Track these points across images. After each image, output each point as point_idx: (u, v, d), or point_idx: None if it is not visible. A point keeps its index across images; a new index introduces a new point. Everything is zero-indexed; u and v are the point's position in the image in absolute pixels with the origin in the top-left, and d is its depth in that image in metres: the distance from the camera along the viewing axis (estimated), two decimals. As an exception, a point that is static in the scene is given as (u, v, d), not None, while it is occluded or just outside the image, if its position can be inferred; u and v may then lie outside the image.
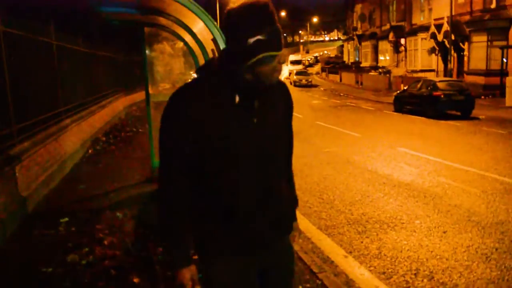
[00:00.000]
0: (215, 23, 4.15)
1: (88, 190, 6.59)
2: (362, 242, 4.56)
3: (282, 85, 1.80)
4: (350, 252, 4.33)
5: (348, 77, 37.25)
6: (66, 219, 5.19)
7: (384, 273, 3.90)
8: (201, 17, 4.09)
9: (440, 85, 15.63)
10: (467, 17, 23.98)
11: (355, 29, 44.53)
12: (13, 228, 4.82)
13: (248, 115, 1.63)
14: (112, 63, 14.72)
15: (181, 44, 6.46)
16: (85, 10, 9.83)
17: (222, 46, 4.52)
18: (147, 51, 6.40)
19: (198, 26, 4.72)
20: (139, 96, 19.52)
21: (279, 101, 1.76)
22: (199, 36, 4.97)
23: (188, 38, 5.77)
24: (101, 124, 11.78)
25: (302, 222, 5.20)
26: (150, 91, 6.39)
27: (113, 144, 10.35)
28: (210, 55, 4.93)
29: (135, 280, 3.60)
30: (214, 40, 4.34)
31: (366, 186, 6.68)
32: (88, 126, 10.20)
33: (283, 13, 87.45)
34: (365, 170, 7.72)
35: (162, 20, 5.50)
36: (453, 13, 22.45)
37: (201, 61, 5.76)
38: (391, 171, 7.55)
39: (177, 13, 4.76)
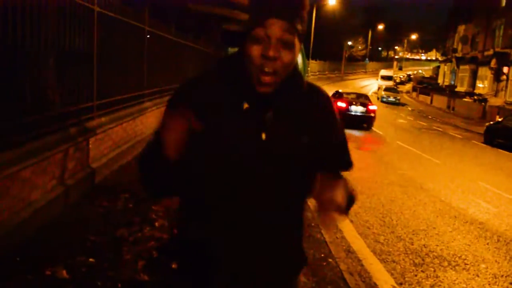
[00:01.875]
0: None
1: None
2: (415, 276, 4.23)
3: (319, 94, 1.41)
4: (400, 284, 4.02)
5: (439, 100, 35.36)
6: (127, 195, 5.38)
7: (433, 313, 3.57)
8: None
9: (540, 121, 14.29)
10: None
11: (455, 50, 42.18)
12: (76, 195, 5.07)
13: (255, 128, 1.27)
14: (201, 55, 15.16)
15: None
16: (180, 4, 10.18)
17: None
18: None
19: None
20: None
21: (311, 114, 1.35)
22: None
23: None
24: (181, 111, 12.15)
25: (357, 241, 4.96)
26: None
27: (188, 132, 10.62)
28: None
29: (174, 266, 3.61)
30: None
31: (434, 217, 6.22)
32: (168, 112, 10.55)
33: (380, 26, 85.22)
34: (438, 199, 7.21)
35: (244, 16, 5.50)
36: None
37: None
38: (466, 206, 6.98)
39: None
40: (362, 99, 17.32)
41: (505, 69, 29.57)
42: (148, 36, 8.39)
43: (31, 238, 3.83)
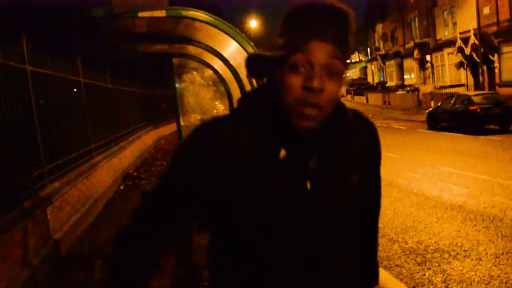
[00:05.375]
0: (252, 43, 3.88)
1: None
2: (424, 275, 4.10)
3: (367, 127, 1.20)
4: (413, 287, 3.87)
5: (374, 98, 36.72)
6: (100, 261, 4.90)
7: (456, 311, 3.43)
8: (236, 38, 3.82)
9: (475, 99, 15.03)
10: (494, 28, 23.31)
11: (378, 49, 44.14)
12: (45, 273, 4.56)
13: (297, 177, 1.05)
14: (140, 98, 14.78)
15: (210, 72, 6.24)
16: (112, 46, 9.82)
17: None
18: (176, 83, 6.21)
19: (229, 49, 4.48)
20: (167, 129, 19.52)
21: (359, 149, 1.15)
22: (231, 61, 4.72)
23: (218, 64, 5.55)
24: (131, 159, 11.66)
25: (352, 253, 4.77)
26: (182, 123, 6.16)
27: (144, 179, 10.15)
28: (245, 82, 4.64)
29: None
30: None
31: (416, 211, 6.19)
32: (119, 162, 10.07)
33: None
34: (411, 193, 7.23)
35: (191, 49, 5.30)
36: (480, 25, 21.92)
37: (234, 90, 5.47)
38: (439, 193, 7.04)
39: (207, 39, 4.54)
40: None
41: (428, 57, 31.22)
42: (84, 88, 7.97)
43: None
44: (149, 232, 1.12)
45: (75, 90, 7.45)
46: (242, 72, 4.75)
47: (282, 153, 1.04)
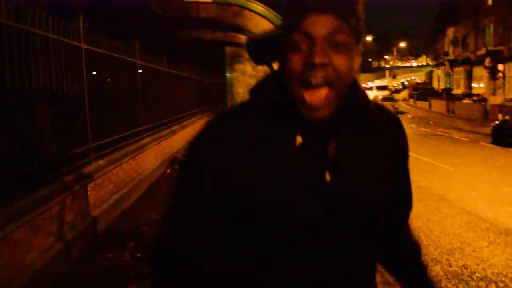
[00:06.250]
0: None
1: (161, 212, 6.35)
2: (465, 304, 3.78)
3: (390, 117, 1.08)
4: (451, 317, 3.57)
5: (438, 105, 35.13)
6: (133, 243, 4.94)
7: None
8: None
9: (548, 116, 13.94)
10: None
11: (447, 53, 42.20)
12: (78, 249, 4.64)
13: (315, 166, 0.94)
14: (196, 84, 14.88)
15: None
16: (170, 31, 9.90)
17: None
18: (227, 72, 6.13)
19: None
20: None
21: (382, 143, 1.04)
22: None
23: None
24: (181, 144, 11.78)
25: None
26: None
27: (190, 165, 10.22)
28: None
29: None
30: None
31: (465, 231, 5.77)
32: (168, 146, 10.20)
33: (369, 38, 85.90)
34: (463, 211, 6.76)
35: (244, 39, 5.17)
36: None
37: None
38: (495, 215, 6.52)
39: (259, 29, 4.39)
40: None
41: (500, 67, 29.41)
42: (140, 70, 8.08)
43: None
44: None
45: (129, 70, 7.56)
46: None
47: (299, 139, 0.94)
